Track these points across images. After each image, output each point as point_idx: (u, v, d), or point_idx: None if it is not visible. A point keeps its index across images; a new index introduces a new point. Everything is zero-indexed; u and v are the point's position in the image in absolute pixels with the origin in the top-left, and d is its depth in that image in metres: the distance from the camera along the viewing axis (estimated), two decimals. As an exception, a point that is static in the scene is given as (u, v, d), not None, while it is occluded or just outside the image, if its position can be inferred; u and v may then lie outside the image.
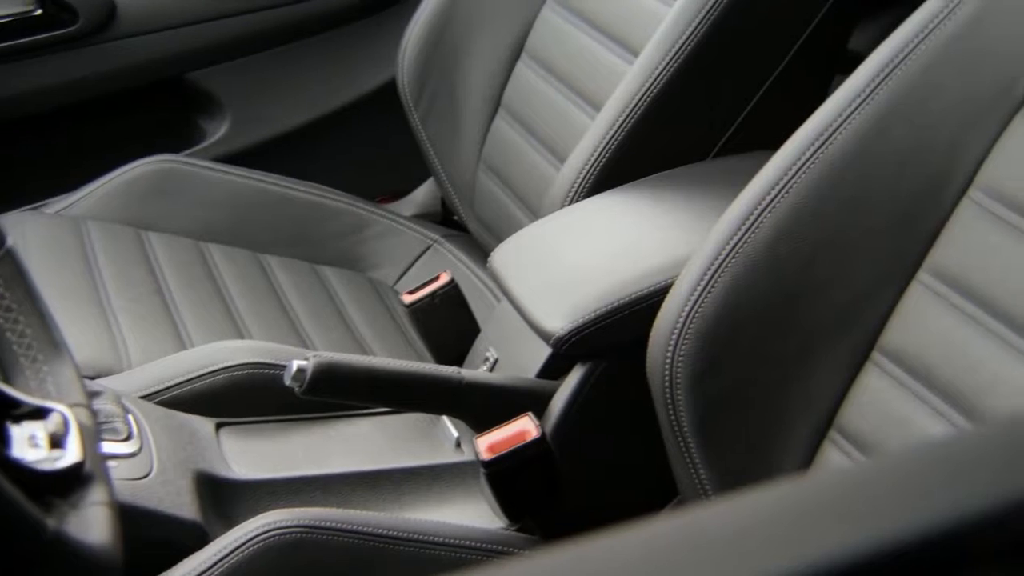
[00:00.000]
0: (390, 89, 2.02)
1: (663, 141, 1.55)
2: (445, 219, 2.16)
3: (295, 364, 1.29)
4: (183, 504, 1.24)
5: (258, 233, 1.97)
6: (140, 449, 1.27)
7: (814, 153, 1.18)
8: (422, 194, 2.20)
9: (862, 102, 1.17)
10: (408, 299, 1.57)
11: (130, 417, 1.30)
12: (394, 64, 1.98)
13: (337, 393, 1.32)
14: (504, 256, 1.43)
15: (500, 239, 1.50)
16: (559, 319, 1.29)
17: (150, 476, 1.24)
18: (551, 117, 1.76)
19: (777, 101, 1.58)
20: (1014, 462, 0.46)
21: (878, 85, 1.17)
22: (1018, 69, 1.13)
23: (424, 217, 2.16)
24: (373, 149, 2.29)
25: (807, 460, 1.21)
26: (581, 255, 1.40)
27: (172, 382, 1.46)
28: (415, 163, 2.02)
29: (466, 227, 1.97)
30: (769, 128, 1.37)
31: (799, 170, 1.18)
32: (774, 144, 1.22)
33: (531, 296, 1.35)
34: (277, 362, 1.46)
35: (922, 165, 1.16)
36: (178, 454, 1.30)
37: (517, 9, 1.87)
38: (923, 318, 1.16)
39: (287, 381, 1.29)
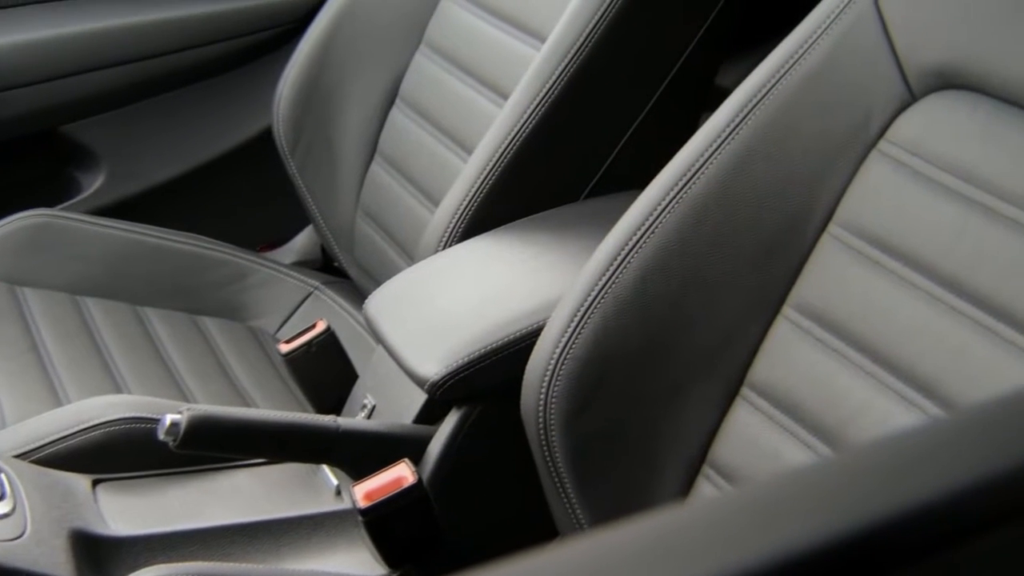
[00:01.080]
0: (267, 137, 2.02)
1: (535, 183, 1.56)
2: (326, 265, 2.16)
3: (168, 419, 1.28)
4: (58, 564, 1.22)
5: (136, 286, 1.95)
6: (13, 509, 1.25)
7: (677, 193, 1.20)
8: (302, 241, 2.20)
9: (722, 142, 1.19)
10: (284, 348, 1.56)
11: (3, 477, 1.28)
12: (270, 112, 1.97)
13: (212, 446, 1.31)
14: (378, 303, 1.43)
15: (380, 284, 1.50)
16: (433, 364, 1.30)
17: (24, 537, 1.22)
18: (426, 161, 1.77)
19: (646, 140, 1.60)
20: (872, 489, 0.47)
21: (737, 125, 1.19)
22: (871, 107, 1.16)
23: (305, 264, 2.15)
24: (252, 198, 2.28)
25: (682, 495, 1.23)
26: (454, 300, 1.40)
27: (47, 440, 1.44)
28: (294, 211, 2.01)
29: (346, 273, 1.97)
30: (639, 167, 1.39)
31: (663, 210, 1.20)
32: (645, 183, 1.24)
33: (405, 342, 1.35)
34: (154, 416, 1.44)
35: (783, 202, 1.19)
36: (52, 513, 1.28)
37: (390, 55, 1.88)
38: (789, 352, 1.18)
39: (161, 436, 1.28)
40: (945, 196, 1.09)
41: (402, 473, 1.28)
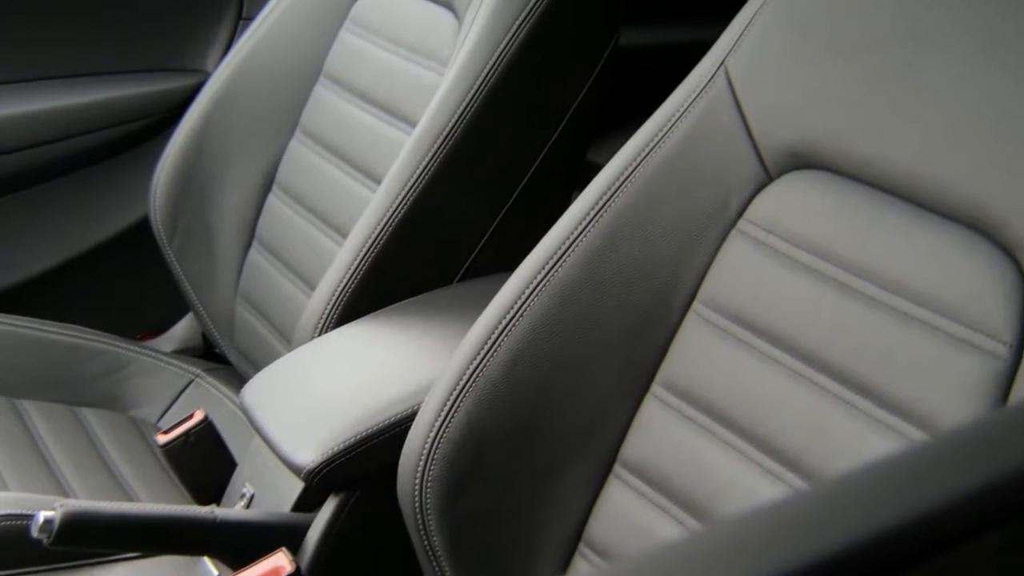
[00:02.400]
0: (144, 226, 2.01)
1: (409, 267, 1.57)
2: (207, 352, 2.15)
3: (41, 516, 1.26)
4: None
5: (13, 379, 1.92)
6: None
7: (544, 277, 1.21)
8: (182, 328, 2.18)
9: (586, 227, 1.22)
10: (162, 439, 1.55)
11: None
12: (146, 201, 1.97)
13: (87, 542, 1.30)
14: (254, 391, 1.43)
15: (261, 369, 1.50)
16: (308, 452, 1.30)
17: None
18: (302, 247, 1.78)
19: (518, 221, 1.62)
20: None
21: (600, 209, 1.22)
22: (730, 188, 1.19)
23: (185, 352, 2.14)
24: (130, 286, 2.27)
25: (560, 573, 1.24)
26: (330, 386, 1.40)
27: (-79, 538, 1.42)
28: (174, 298, 2.00)
29: (228, 359, 1.96)
30: (512, 249, 1.40)
31: (531, 294, 1.21)
32: (518, 264, 1.26)
33: (281, 430, 1.35)
34: (29, 512, 1.43)
35: (648, 282, 1.21)
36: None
37: (265, 142, 1.89)
38: (658, 430, 1.20)
39: (34, 533, 1.27)
40: (802, 273, 1.12)
41: (280, 563, 1.27)
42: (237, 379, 1.93)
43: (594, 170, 1.29)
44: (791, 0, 1.18)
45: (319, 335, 1.54)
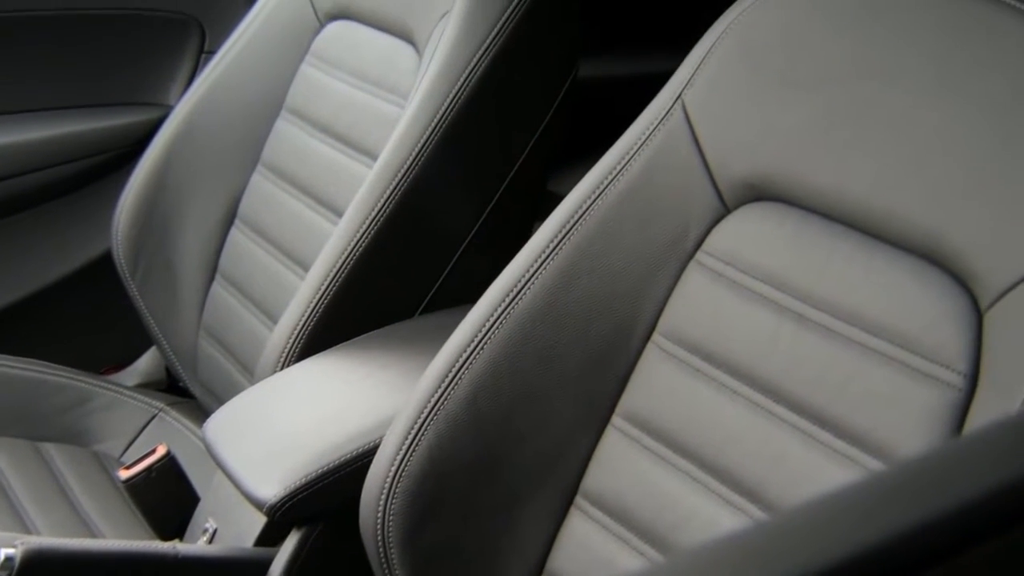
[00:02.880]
0: (106, 260, 2.00)
1: (370, 300, 1.57)
2: (171, 386, 2.14)
3: (2, 553, 1.26)
4: None
5: (-24, 414, 1.92)
6: None
7: (505, 309, 1.22)
8: (146, 363, 2.18)
9: (547, 258, 1.22)
10: (124, 475, 1.55)
11: None
12: (109, 235, 1.96)
13: (49, 579, 1.30)
14: (216, 426, 1.42)
15: (224, 403, 1.50)
16: (271, 486, 1.30)
17: None
18: (265, 280, 1.78)
19: (480, 253, 1.63)
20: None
21: (560, 242, 1.22)
22: (688, 220, 1.20)
23: (149, 386, 2.13)
24: (93, 320, 2.26)
25: (523, 607, 1.24)
26: (292, 420, 1.40)
27: None
28: (137, 332, 2.00)
29: (191, 393, 1.96)
30: (474, 281, 1.41)
31: (491, 327, 1.22)
32: (479, 297, 1.26)
33: (243, 465, 1.35)
34: (-10, 550, 1.42)
35: (608, 314, 1.22)
36: None
37: (227, 176, 1.89)
38: (619, 461, 1.20)
39: (-5, 571, 1.26)
40: (760, 304, 1.13)
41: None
42: (201, 413, 1.92)
43: (555, 200, 1.30)
44: (746, 35, 1.19)
45: (281, 369, 1.54)
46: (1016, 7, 1.00)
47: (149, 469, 1.55)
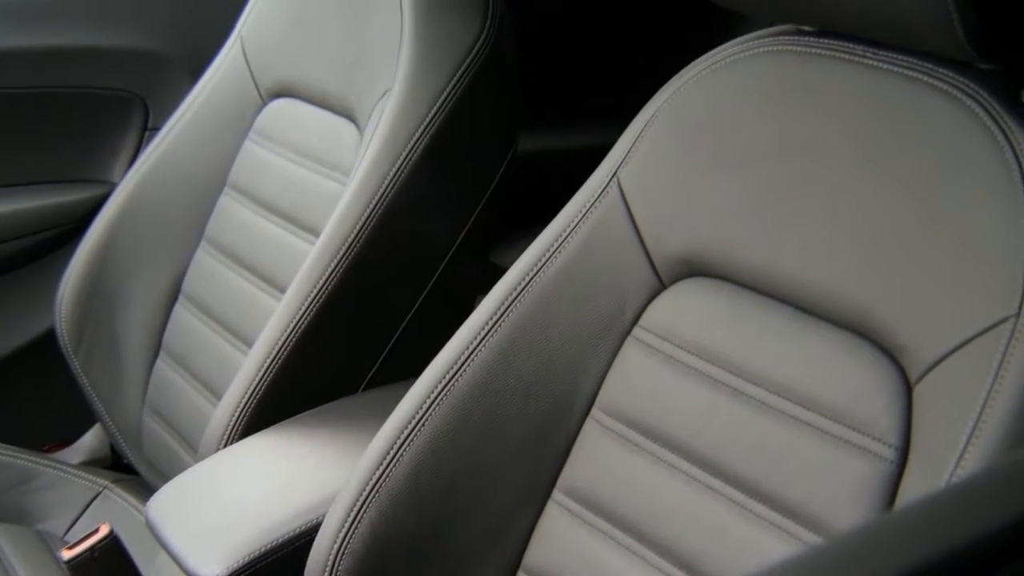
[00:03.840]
0: (50, 337, 2.00)
1: (313, 376, 1.58)
2: (115, 463, 2.13)
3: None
4: None
5: (-85, 494, 1.91)
6: None
7: (445, 386, 1.23)
8: (90, 440, 2.17)
9: (486, 335, 1.24)
10: (67, 555, 1.53)
11: None
12: (52, 312, 1.96)
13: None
14: (159, 505, 1.42)
15: (170, 480, 1.50)
16: (214, 565, 1.29)
17: None
18: (209, 357, 1.78)
19: (422, 327, 1.64)
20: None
21: (500, 318, 1.24)
22: (625, 295, 1.22)
23: (93, 463, 2.12)
24: (37, 398, 2.25)
25: None
26: (235, 498, 1.40)
27: None
28: (81, 409, 1.99)
29: (136, 470, 1.95)
30: (417, 356, 1.42)
31: (433, 403, 1.23)
32: (422, 371, 1.27)
33: (186, 543, 1.34)
34: (-70, 634, 1.41)
35: (547, 390, 1.23)
36: None
37: (172, 252, 1.90)
38: (560, 535, 1.21)
39: (-66, 656, 1.25)
40: (696, 379, 1.15)
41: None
42: (145, 490, 1.92)
43: (498, 272, 1.31)
44: (678, 114, 1.21)
45: (225, 446, 1.54)
46: (937, 87, 1.03)
47: (92, 549, 1.53)
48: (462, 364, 1.23)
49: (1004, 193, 0.96)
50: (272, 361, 1.55)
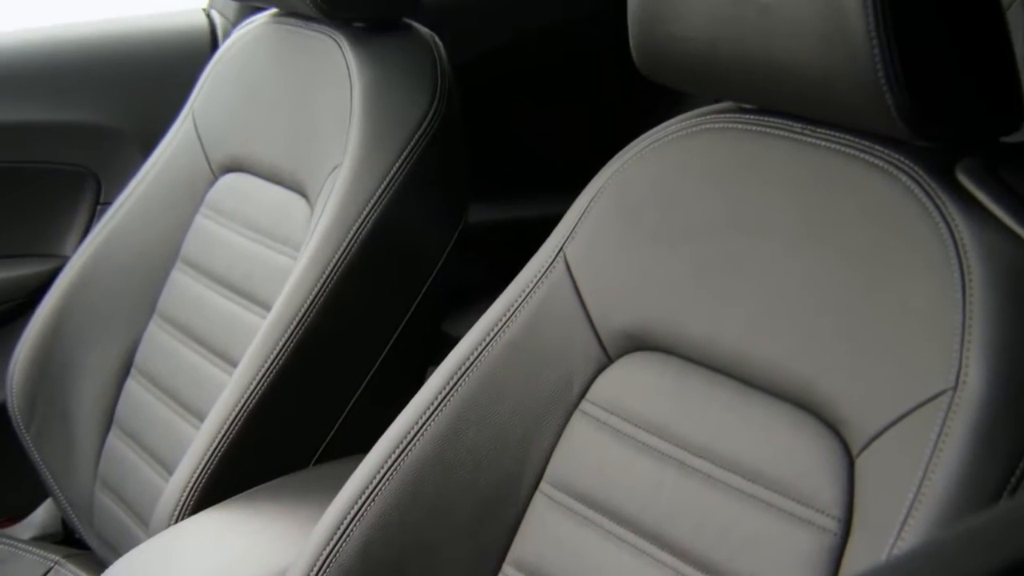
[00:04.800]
0: (0, 412, 1.99)
1: (265, 451, 1.58)
2: (67, 538, 2.12)
3: None
4: None
5: None
6: None
7: (395, 460, 1.24)
8: (41, 515, 2.16)
9: (436, 409, 1.25)
10: (16, 633, 1.53)
11: None
12: (3, 387, 1.96)
13: None
14: (109, 582, 1.42)
15: (122, 555, 1.49)
16: (164, 644, 1.29)
17: None
18: (161, 431, 1.78)
19: (373, 401, 1.65)
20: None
21: (449, 392, 1.25)
22: (572, 369, 1.23)
23: (45, 538, 2.11)
24: (-12, 473, 2.24)
25: None
26: (186, 574, 1.40)
27: None
28: (32, 484, 1.99)
29: (88, 545, 1.94)
30: (367, 429, 1.42)
31: (383, 478, 1.23)
32: (372, 446, 1.28)
33: (137, 621, 1.34)
34: None
35: (496, 464, 1.24)
36: None
37: (124, 326, 1.90)
38: (511, 610, 1.22)
39: None
40: (643, 452, 1.16)
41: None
42: (98, 565, 1.90)
43: (449, 342, 1.33)
44: (621, 190, 1.23)
45: (176, 521, 1.54)
46: (873, 163, 1.05)
47: (42, 627, 1.53)
48: (412, 439, 1.24)
49: (940, 268, 0.98)
50: (223, 436, 1.55)
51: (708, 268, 1.14)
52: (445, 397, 1.25)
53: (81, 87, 2.21)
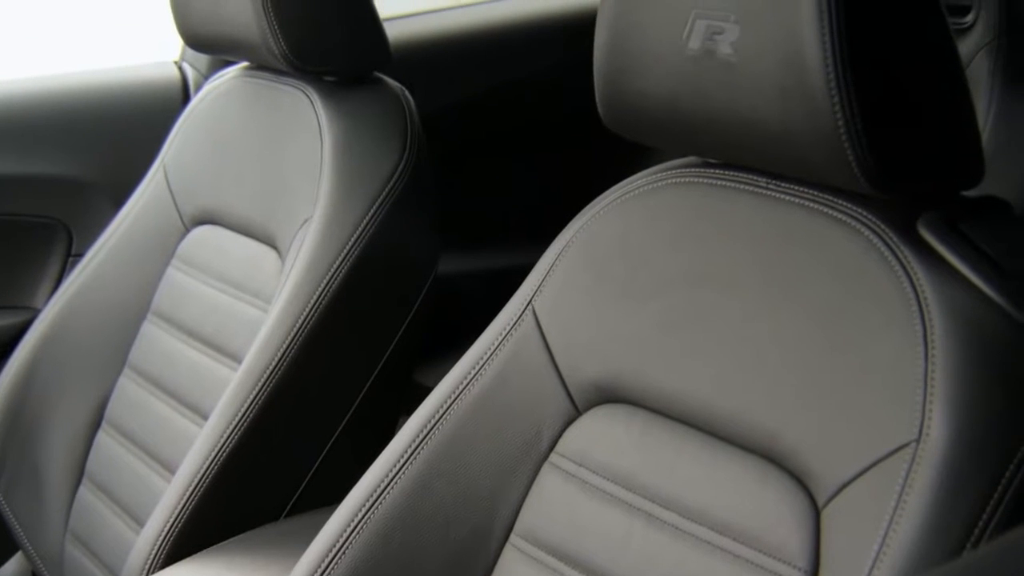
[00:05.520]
0: (-29, 464, 1.99)
1: (236, 503, 1.58)
2: (38, 591, 2.11)
3: None
4: None
5: None
6: None
7: (365, 514, 1.24)
8: (12, 569, 2.14)
9: (406, 462, 1.25)
10: None
11: None
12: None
13: None
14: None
15: (92, 609, 1.49)
16: None
17: None
18: (133, 484, 1.78)
19: (345, 453, 1.65)
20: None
21: (419, 445, 1.25)
22: (542, 422, 1.24)
23: (15, 592, 2.10)
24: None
25: None
26: (157, 630, 1.40)
27: None
28: (2, 537, 1.98)
29: (59, 598, 1.93)
30: (339, 481, 1.42)
31: (353, 531, 1.24)
32: (343, 498, 1.28)
33: None
34: None
35: (467, 517, 1.24)
36: None
37: (95, 378, 1.90)
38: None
39: None
40: (612, 504, 1.16)
41: None
42: (70, 618, 1.90)
43: (422, 391, 1.33)
44: (589, 244, 1.24)
45: (147, 575, 1.54)
46: (837, 218, 1.06)
47: None
48: (382, 491, 1.24)
49: (902, 321, 1.00)
50: (195, 488, 1.55)
51: (675, 321, 1.15)
52: (415, 450, 1.25)
53: (53, 139, 2.22)
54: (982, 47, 2.22)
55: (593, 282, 1.23)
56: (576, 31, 1.88)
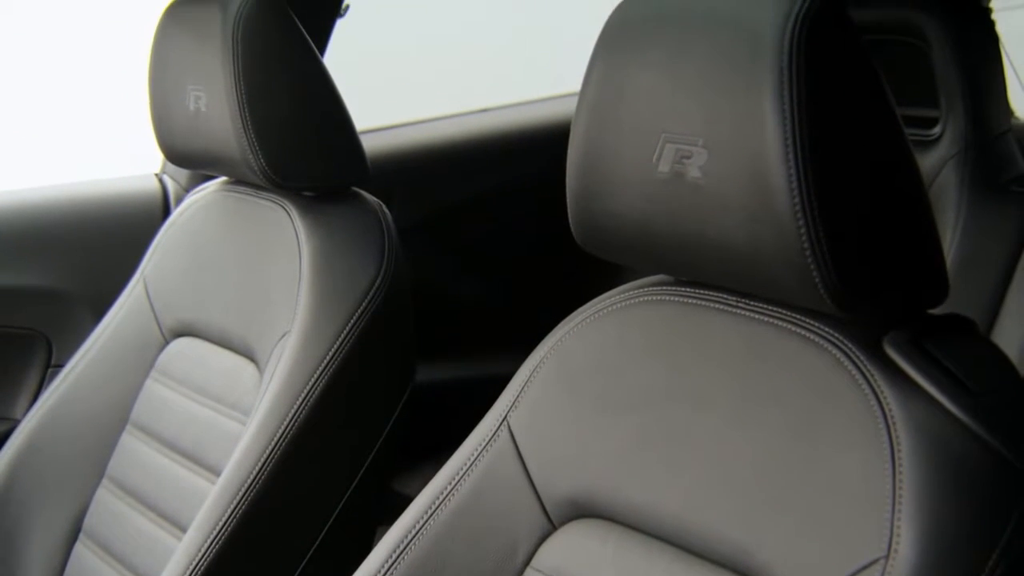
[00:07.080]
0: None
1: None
2: None
3: None
4: None
5: None
6: None
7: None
8: None
9: (383, 577, 1.26)
10: None
11: None
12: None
13: None
14: None
15: None
16: None
17: None
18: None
19: (323, 563, 1.65)
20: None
21: (395, 561, 1.26)
22: (517, 537, 1.25)
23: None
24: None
25: None
26: None
27: None
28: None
29: None
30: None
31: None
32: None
33: None
34: None
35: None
36: None
37: (73, 490, 1.89)
38: None
39: None
40: (587, 619, 1.17)
41: None
42: None
43: (401, 500, 1.34)
44: (563, 361, 1.26)
45: None
46: (805, 337, 1.09)
47: None
48: (356, 610, 1.25)
49: (870, 439, 1.02)
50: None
51: (650, 438, 1.17)
52: (391, 566, 1.26)
53: (33, 250, 2.24)
54: (949, 158, 2.25)
55: (568, 398, 1.25)
56: (550, 143, 1.91)
